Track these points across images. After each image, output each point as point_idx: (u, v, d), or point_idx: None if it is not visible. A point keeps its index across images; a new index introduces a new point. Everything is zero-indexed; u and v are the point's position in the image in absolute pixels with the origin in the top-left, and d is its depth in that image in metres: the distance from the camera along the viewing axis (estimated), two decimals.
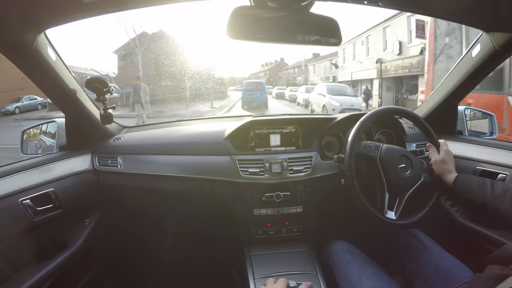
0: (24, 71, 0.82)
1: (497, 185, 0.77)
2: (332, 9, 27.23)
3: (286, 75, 31.35)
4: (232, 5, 0.67)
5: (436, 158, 0.88)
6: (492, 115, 1.27)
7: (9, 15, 0.65)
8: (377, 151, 0.87)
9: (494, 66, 0.96)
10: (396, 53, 11.06)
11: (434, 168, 0.88)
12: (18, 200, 0.82)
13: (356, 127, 0.89)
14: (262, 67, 39.05)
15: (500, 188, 0.76)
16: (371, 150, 0.88)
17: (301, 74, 26.71)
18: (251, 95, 8.73)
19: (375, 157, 0.86)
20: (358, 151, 0.88)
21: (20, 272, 0.81)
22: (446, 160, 0.86)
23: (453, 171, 0.86)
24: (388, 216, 0.83)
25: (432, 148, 0.90)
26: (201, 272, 1.37)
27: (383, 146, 0.88)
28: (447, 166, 0.86)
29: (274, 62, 36.66)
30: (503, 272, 0.58)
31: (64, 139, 1.07)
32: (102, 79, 0.97)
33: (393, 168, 0.85)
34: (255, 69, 41.19)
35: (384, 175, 0.85)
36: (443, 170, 0.86)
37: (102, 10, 0.73)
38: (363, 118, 0.91)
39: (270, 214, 1.04)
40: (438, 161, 0.87)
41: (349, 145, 0.87)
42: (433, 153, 0.90)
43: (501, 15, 0.76)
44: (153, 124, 1.43)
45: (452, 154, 0.89)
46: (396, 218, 0.83)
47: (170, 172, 1.06)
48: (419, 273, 0.81)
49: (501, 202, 0.74)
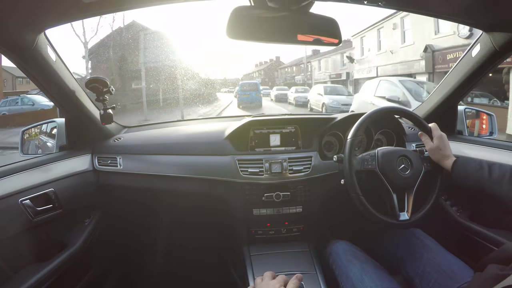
0: (24, 71, 0.81)
1: (494, 169, 0.77)
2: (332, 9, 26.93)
3: (283, 74, 29.30)
4: (232, 5, 0.67)
5: (431, 146, 0.86)
6: (492, 115, 1.27)
7: (9, 15, 0.64)
8: (374, 162, 0.86)
9: (494, 66, 0.96)
10: (465, 35, 7.38)
11: (431, 156, 0.87)
12: (18, 200, 0.82)
13: (348, 145, 0.87)
14: (256, 67, 36.68)
15: (498, 172, 0.76)
16: (369, 163, 0.86)
17: (300, 72, 24.39)
18: (247, 95, 9.27)
19: (374, 169, 0.85)
20: (357, 169, 0.86)
21: (20, 272, 0.81)
22: (441, 146, 0.85)
23: (450, 155, 0.85)
24: (402, 218, 0.83)
25: (424, 136, 0.89)
26: (201, 272, 1.37)
27: (378, 153, 0.87)
28: (442, 151, 0.85)
29: (269, 61, 34.05)
30: (503, 272, 0.58)
31: (64, 139, 1.07)
32: (102, 79, 0.97)
33: (394, 172, 0.85)
34: (249, 69, 38.96)
35: (387, 182, 0.85)
36: (440, 156, 0.85)
37: (102, 10, 0.73)
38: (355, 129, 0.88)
39: (270, 214, 1.04)
40: (433, 148, 0.86)
41: (347, 165, 0.85)
42: (426, 141, 0.88)
43: (501, 15, 0.76)
44: (153, 124, 1.43)
45: (446, 138, 0.87)
46: (410, 217, 0.84)
47: (170, 172, 1.06)
48: (420, 273, 0.81)
49: (498, 187, 0.74)
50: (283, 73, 29.78)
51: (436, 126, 0.89)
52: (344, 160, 0.86)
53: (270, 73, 32.71)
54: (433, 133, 0.88)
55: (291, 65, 27.96)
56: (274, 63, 33.10)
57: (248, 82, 10.34)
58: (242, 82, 10.60)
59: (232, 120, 1.26)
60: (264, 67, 34.23)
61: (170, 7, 26.29)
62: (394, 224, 0.83)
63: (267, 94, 16.20)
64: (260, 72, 34.60)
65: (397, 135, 1.16)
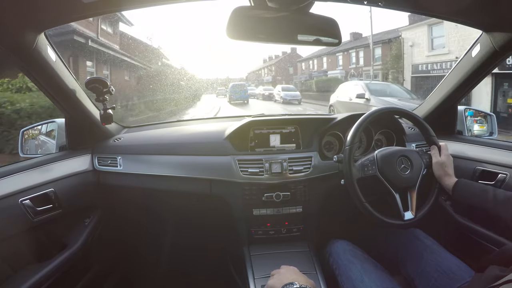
0: (24, 71, 0.81)
1: (499, 192, 0.76)
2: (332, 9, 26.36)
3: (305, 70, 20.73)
4: (232, 5, 0.67)
5: (438, 160, 0.88)
6: (492, 115, 1.27)
7: (9, 15, 0.64)
8: (374, 166, 0.86)
9: (493, 66, 0.96)
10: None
11: (434, 170, 0.88)
12: (18, 200, 0.82)
13: (347, 153, 0.87)
14: (264, 62, 28.88)
15: (503, 195, 0.74)
16: (369, 168, 0.86)
17: (335, 66, 16.55)
18: (237, 94, 12.09)
19: (375, 173, 0.85)
20: (358, 177, 0.86)
21: (20, 272, 0.81)
22: (447, 163, 0.87)
23: (452, 175, 0.86)
24: (407, 218, 0.84)
25: (434, 149, 0.90)
26: (200, 272, 1.37)
27: (377, 156, 0.87)
28: (447, 169, 0.86)
29: (281, 55, 25.62)
30: (504, 273, 0.58)
31: (64, 139, 1.07)
32: (102, 79, 0.97)
33: (394, 174, 0.85)
34: (256, 65, 31.81)
35: (388, 184, 0.85)
36: (443, 173, 0.86)
37: (102, 10, 0.72)
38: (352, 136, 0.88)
39: (270, 214, 1.04)
40: (440, 163, 0.87)
41: (348, 175, 0.85)
42: (435, 154, 0.89)
43: (501, 15, 0.76)
44: (153, 124, 1.43)
45: (452, 160, 0.89)
46: (415, 215, 0.84)
47: (170, 172, 1.06)
48: (420, 273, 0.81)
49: (503, 209, 0.73)
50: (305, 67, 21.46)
51: (447, 147, 0.90)
52: (344, 169, 0.86)
53: (283, 68, 25.08)
54: (442, 151, 0.89)
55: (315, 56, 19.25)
56: (289, 56, 24.92)
57: (238, 84, 12.85)
58: (233, 83, 12.83)
59: (232, 120, 1.26)
60: (275, 61, 26.35)
61: (170, 7, 26.30)
62: (401, 225, 0.83)
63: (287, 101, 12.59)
64: (270, 68, 27.19)
65: (397, 135, 1.16)
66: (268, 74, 26.90)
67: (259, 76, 28.89)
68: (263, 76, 27.63)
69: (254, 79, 28.50)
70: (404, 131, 1.15)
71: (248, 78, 29.38)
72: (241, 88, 12.44)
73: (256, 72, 30.30)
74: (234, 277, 1.27)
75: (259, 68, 29.86)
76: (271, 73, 26.52)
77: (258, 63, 32.12)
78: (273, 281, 0.66)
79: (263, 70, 28.41)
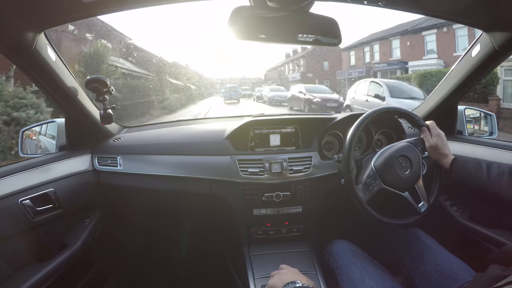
0: (24, 71, 0.81)
1: (492, 168, 0.77)
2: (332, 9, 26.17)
3: (358, 63, 15.27)
4: (232, 5, 0.67)
5: (430, 144, 0.87)
6: (492, 115, 1.27)
7: (9, 15, 0.64)
8: (377, 181, 0.84)
9: (493, 66, 0.96)
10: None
11: (430, 155, 0.88)
12: (18, 200, 0.81)
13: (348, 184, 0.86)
14: (287, 57, 21.95)
15: (496, 171, 0.76)
16: (373, 186, 0.84)
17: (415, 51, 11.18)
18: (230, 94, 14.27)
19: (380, 187, 0.85)
20: (366, 199, 0.84)
21: (20, 272, 0.81)
22: (439, 144, 0.86)
23: (449, 154, 0.85)
24: (423, 210, 0.86)
25: (425, 132, 0.89)
26: (201, 272, 1.37)
27: (376, 169, 0.85)
28: (441, 150, 0.85)
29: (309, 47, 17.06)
30: (505, 272, 0.58)
31: (64, 139, 1.07)
32: (102, 79, 0.97)
33: (398, 177, 0.85)
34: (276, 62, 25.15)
35: (396, 189, 0.85)
36: (438, 155, 0.86)
37: (102, 10, 0.72)
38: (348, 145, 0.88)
39: (270, 214, 1.04)
40: (432, 146, 0.86)
41: (356, 201, 0.84)
42: (426, 137, 0.88)
43: (501, 15, 0.76)
44: (153, 124, 1.43)
45: (444, 137, 0.87)
46: (428, 203, 0.87)
47: (170, 172, 1.06)
48: (420, 273, 0.81)
49: (497, 186, 0.75)
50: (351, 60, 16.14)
51: (434, 125, 0.89)
52: (350, 194, 0.86)
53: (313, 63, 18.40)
54: (431, 131, 0.88)
55: (380, 38, 13.28)
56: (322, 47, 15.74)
57: (231, 86, 14.80)
58: (226, 85, 14.73)
59: (232, 120, 1.26)
60: (302, 55, 19.33)
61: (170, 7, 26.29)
62: (420, 219, 0.85)
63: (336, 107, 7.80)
64: (296, 62, 20.28)
65: (397, 135, 1.16)
66: (294, 70, 20.54)
67: (281, 73, 22.61)
68: (287, 73, 21.48)
69: (277, 77, 22.52)
70: (404, 130, 1.15)
71: (267, 76, 24.07)
72: (234, 90, 14.88)
73: (277, 68, 23.71)
74: (234, 277, 1.27)
75: (281, 65, 23.18)
76: (298, 68, 20.00)
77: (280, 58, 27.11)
78: (274, 280, 0.66)
79: (287, 66, 22.04)
